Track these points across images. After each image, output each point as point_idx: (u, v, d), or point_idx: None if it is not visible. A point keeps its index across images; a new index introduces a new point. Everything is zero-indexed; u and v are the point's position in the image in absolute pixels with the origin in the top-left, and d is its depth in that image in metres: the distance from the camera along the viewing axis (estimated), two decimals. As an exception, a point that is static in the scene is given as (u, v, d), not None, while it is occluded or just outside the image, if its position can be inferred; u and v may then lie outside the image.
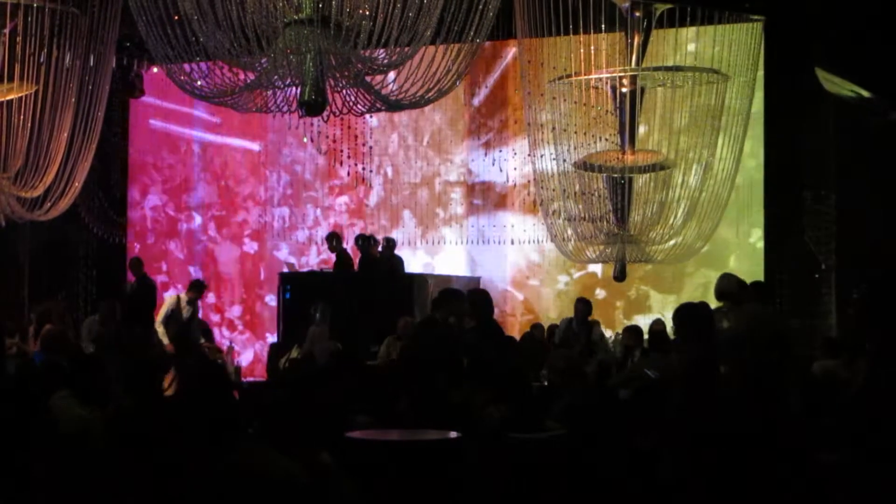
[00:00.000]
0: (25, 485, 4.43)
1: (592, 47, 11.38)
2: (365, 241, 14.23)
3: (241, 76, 8.05)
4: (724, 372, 6.67)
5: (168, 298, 13.59)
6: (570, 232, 12.32)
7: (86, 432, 5.70)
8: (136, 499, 4.44)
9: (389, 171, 16.37)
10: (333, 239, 14.42)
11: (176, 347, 12.56)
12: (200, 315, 14.07)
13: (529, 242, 15.06)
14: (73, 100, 11.42)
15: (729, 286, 9.22)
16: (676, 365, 7.56)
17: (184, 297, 13.33)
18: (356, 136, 13.49)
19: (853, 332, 9.03)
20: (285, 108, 8.06)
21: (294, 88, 7.77)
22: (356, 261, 14.24)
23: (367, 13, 7.55)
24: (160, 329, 12.92)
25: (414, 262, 15.60)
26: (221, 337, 16.33)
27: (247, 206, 17.14)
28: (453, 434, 5.55)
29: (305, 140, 9.41)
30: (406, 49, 7.84)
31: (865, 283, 3.37)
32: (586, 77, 11.74)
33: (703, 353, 7.37)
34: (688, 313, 7.89)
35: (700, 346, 7.61)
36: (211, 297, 16.63)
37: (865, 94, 11.56)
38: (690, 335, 7.76)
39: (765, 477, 5.16)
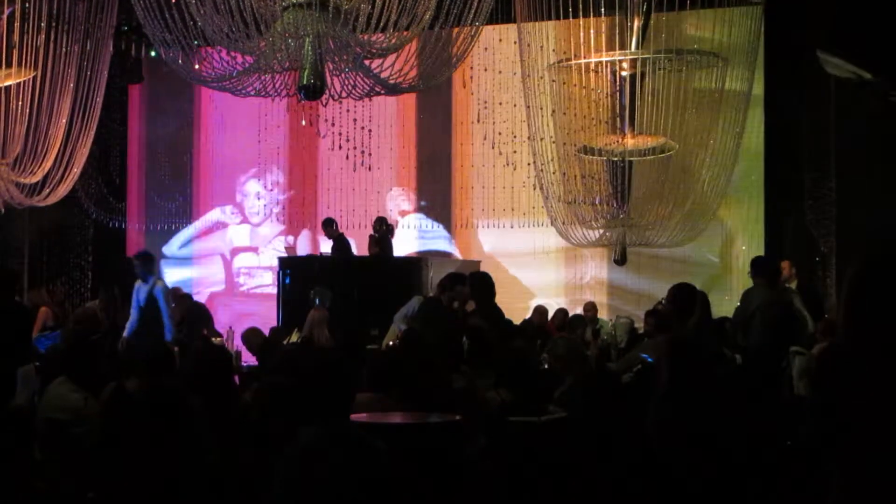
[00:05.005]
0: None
1: (592, 31, 11.35)
2: (381, 223, 14.32)
3: (240, 60, 8.03)
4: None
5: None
6: (570, 215, 12.30)
7: (81, 418, 5.72)
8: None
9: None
10: (331, 224, 14.43)
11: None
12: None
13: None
14: (72, 85, 11.39)
15: None
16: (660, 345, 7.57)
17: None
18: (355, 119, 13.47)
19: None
20: (284, 93, 8.05)
21: (293, 72, 7.76)
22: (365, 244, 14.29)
23: (366, -4, 7.53)
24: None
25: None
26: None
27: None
28: (455, 417, 5.54)
29: (304, 123, 9.40)
30: (405, 33, 7.82)
31: (855, 263, 3.30)
32: (586, 60, 11.71)
33: (683, 332, 7.40)
34: (673, 294, 7.93)
35: (682, 326, 7.64)
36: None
37: (866, 75, 11.52)
38: (676, 315, 7.79)
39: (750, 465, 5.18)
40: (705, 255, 14.68)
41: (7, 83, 10.92)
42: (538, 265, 15.56)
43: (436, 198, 16.45)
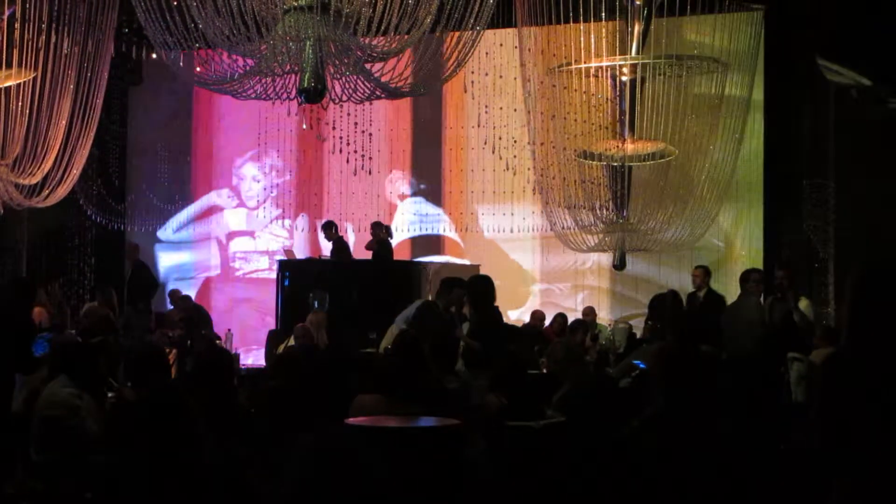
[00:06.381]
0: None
1: (593, 36, 11.36)
2: (380, 228, 14.33)
3: (241, 63, 8.04)
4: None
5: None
6: (569, 220, 12.30)
7: (74, 412, 5.76)
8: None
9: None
10: (331, 227, 14.44)
11: None
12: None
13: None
14: (72, 86, 11.39)
15: None
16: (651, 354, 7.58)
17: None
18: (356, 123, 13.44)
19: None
20: (284, 96, 8.05)
21: (293, 75, 7.76)
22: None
23: (367, 0, 7.53)
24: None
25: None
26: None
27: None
28: (454, 420, 5.54)
29: (305, 127, 9.37)
30: (406, 36, 7.83)
31: (858, 268, 3.31)
32: (586, 65, 11.72)
33: (672, 341, 7.40)
34: (656, 303, 7.93)
35: (671, 335, 7.64)
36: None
37: (865, 82, 11.54)
38: (662, 324, 7.79)
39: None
40: (710, 241, 14.53)
41: (7, 84, 10.93)
42: (539, 249, 15.49)
43: (435, 182, 16.35)
